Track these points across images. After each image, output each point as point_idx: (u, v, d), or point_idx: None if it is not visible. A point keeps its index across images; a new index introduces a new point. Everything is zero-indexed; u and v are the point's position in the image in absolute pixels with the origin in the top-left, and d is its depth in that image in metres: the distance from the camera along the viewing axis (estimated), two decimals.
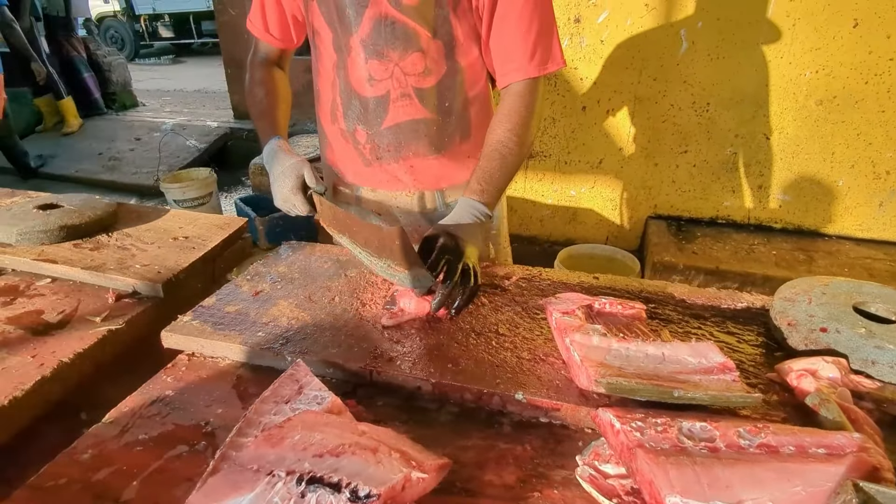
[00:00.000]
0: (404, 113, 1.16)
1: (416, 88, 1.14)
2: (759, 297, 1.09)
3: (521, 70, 1.11)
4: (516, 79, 1.12)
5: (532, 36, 1.08)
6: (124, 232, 1.34)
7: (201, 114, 6.14)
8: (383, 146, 1.20)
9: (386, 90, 1.14)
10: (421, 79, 1.13)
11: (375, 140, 1.20)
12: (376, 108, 1.16)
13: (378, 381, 0.88)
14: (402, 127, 1.18)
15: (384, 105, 1.16)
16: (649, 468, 0.60)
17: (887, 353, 0.83)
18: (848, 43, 2.40)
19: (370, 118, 1.18)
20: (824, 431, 0.66)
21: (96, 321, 1.04)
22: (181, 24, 11.32)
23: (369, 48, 1.10)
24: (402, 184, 1.25)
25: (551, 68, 1.12)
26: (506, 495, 0.69)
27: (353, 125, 1.20)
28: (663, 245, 2.67)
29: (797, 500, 0.57)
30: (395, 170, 1.23)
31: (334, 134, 1.25)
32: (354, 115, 1.19)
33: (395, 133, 1.18)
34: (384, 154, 1.21)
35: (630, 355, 0.80)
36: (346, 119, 1.20)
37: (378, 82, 1.13)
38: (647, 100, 2.72)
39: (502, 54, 1.12)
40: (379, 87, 1.14)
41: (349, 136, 1.22)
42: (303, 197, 1.14)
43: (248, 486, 0.60)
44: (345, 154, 1.26)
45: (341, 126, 1.22)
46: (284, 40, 1.28)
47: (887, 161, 2.56)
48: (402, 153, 1.21)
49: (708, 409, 0.74)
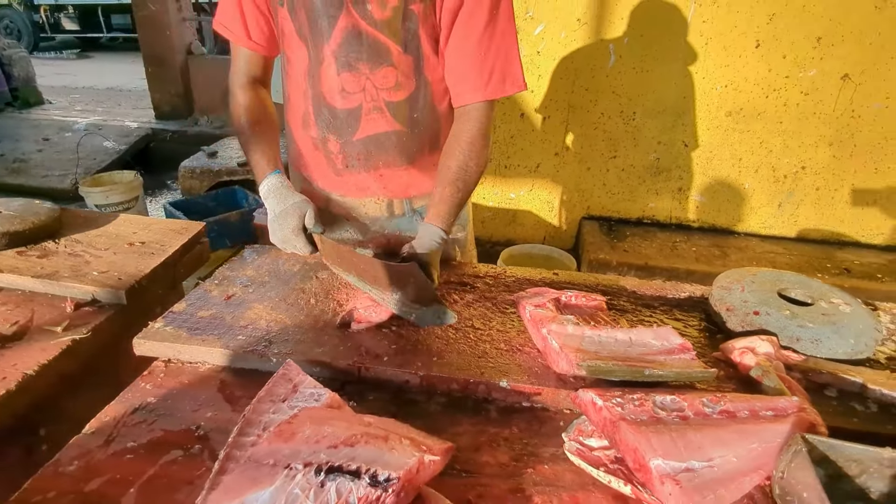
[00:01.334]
0: (376, 125, 1.17)
1: (388, 102, 1.15)
2: (698, 287, 1.22)
3: (476, 91, 1.11)
4: (471, 101, 1.13)
5: (490, 58, 1.09)
6: (72, 238, 1.27)
7: (117, 113, 5.75)
8: (354, 156, 1.21)
9: (358, 103, 1.15)
10: (392, 93, 1.14)
11: (347, 150, 1.20)
12: (348, 120, 1.17)
13: (366, 378, 0.91)
14: (374, 139, 1.19)
15: (356, 117, 1.17)
16: (633, 437, 0.69)
17: (808, 330, 0.98)
18: (751, 61, 2.68)
19: (342, 129, 1.18)
20: (770, 397, 0.77)
21: (57, 331, 1.00)
22: (88, 16, 10.47)
23: (341, 60, 1.11)
24: (371, 192, 1.27)
25: (509, 91, 1.13)
26: (502, 473, 0.75)
27: (325, 134, 1.20)
28: (597, 244, 2.85)
29: (755, 454, 0.68)
30: (366, 179, 1.25)
31: (305, 141, 1.24)
32: (326, 124, 1.19)
33: (367, 144, 1.20)
34: (355, 164, 1.22)
35: (602, 341, 0.88)
36: (318, 128, 1.20)
37: (350, 95, 1.14)
38: (580, 108, 2.89)
39: (457, 74, 1.12)
40: (351, 100, 1.15)
41: (320, 144, 1.22)
42: (304, 238, 1.13)
43: (266, 481, 0.62)
44: (315, 161, 1.26)
45: (312, 134, 1.21)
46: (269, 47, 1.20)
47: (785, 166, 2.88)
48: (373, 164, 1.22)
49: (669, 384, 0.84)
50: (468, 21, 1.08)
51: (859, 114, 2.69)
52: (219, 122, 5.08)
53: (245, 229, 3.18)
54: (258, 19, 1.16)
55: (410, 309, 1.04)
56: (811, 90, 2.69)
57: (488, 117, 1.14)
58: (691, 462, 0.66)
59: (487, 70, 1.10)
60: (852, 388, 0.89)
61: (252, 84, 1.23)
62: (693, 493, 0.63)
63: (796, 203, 2.94)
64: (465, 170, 1.12)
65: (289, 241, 1.14)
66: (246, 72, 1.22)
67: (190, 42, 5.16)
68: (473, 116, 1.14)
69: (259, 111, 1.21)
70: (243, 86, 1.22)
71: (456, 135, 1.15)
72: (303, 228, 1.13)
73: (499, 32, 1.09)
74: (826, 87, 2.66)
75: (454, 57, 1.11)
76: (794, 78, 2.68)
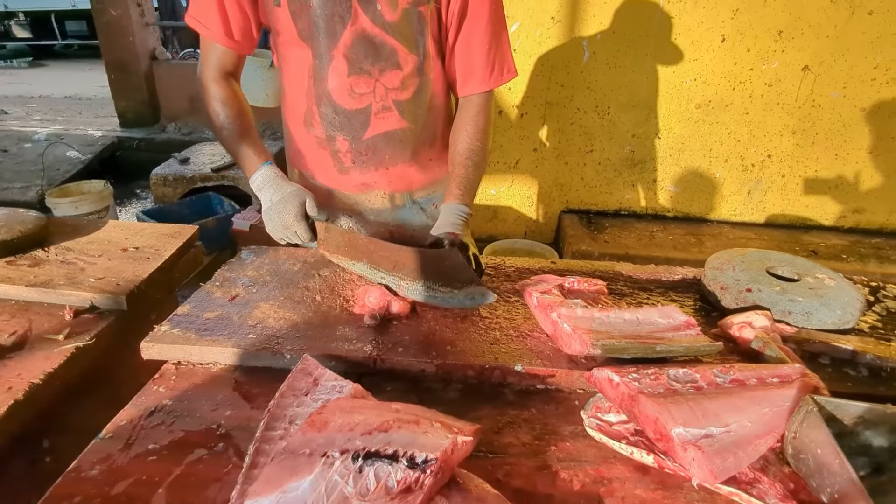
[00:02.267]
0: (385, 124, 1.20)
1: (396, 101, 1.18)
2: (690, 269, 1.27)
3: (483, 83, 1.21)
4: (478, 90, 1.22)
5: (493, 51, 1.19)
6: (63, 246, 1.24)
7: (79, 122, 5.55)
8: (364, 154, 1.23)
9: (368, 103, 1.17)
10: (399, 92, 1.18)
11: (356, 148, 1.22)
12: (357, 119, 1.19)
13: (382, 369, 0.92)
14: (383, 137, 1.22)
15: (366, 117, 1.19)
16: (653, 408, 0.72)
17: (798, 304, 1.03)
18: (718, 55, 2.79)
19: (352, 128, 1.20)
20: (774, 365, 0.81)
21: (59, 339, 0.97)
22: (40, 23, 10.07)
23: (351, 63, 1.12)
24: (375, 187, 1.29)
25: (507, 78, 1.24)
26: (526, 452, 0.77)
27: (332, 133, 1.21)
28: (578, 236, 2.91)
29: (767, 418, 0.72)
30: (372, 175, 1.26)
31: (308, 141, 1.24)
32: (334, 124, 1.19)
33: (376, 142, 1.22)
34: (363, 162, 1.24)
35: (612, 321, 0.91)
36: (324, 127, 1.20)
37: (360, 96, 1.16)
38: (556, 104, 2.95)
39: (466, 67, 1.21)
40: (361, 101, 1.17)
41: (326, 143, 1.22)
42: (306, 224, 1.14)
43: (306, 470, 0.62)
44: (318, 160, 1.26)
45: (318, 134, 1.21)
46: (245, 46, 1.20)
47: (752, 155, 3.00)
48: (380, 160, 1.24)
49: (678, 359, 0.88)
50: (473, 20, 1.16)
51: (819, 103, 2.82)
52: (188, 129, 4.97)
53: (223, 236, 3.13)
54: (239, 17, 1.15)
55: (439, 293, 1.03)
56: (774, 81, 2.81)
57: (490, 103, 1.25)
58: (710, 428, 0.69)
59: (490, 62, 1.19)
60: (844, 356, 0.94)
61: (225, 77, 1.21)
62: (714, 456, 0.66)
63: (764, 190, 3.06)
64: (476, 151, 1.21)
65: (289, 228, 1.13)
66: (218, 66, 1.20)
67: (154, 47, 5.03)
68: (477, 103, 1.24)
69: (236, 104, 1.20)
70: (216, 79, 1.20)
71: (463, 121, 1.23)
72: (304, 216, 1.14)
73: (497, 27, 1.18)
74: (788, 78, 2.79)
75: (462, 52, 1.19)
76: (758, 70, 2.79)
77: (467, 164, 1.19)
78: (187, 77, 4.98)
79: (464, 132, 1.22)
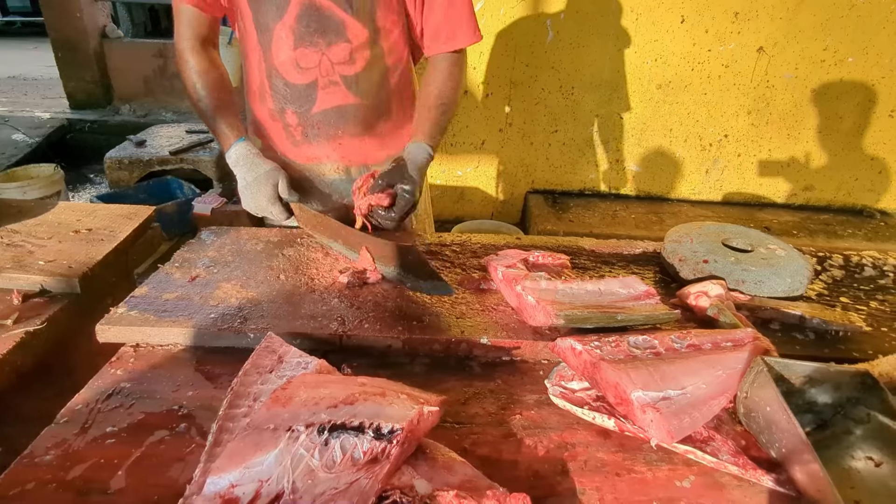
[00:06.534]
0: (333, 99, 1.19)
1: (343, 76, 1.16)
2: (650, 243, 1.31)
3: (452, 41, 1.20)
4: (448, 49, 1.21)
5: (465, 11, 1.18)
6: (8, 228, 1.18)
7: (25, 104, 5.25)
8: (313, 127, 1.21)
9: (314, 78, 1.15)
10: (347, 67, 1.16)
11: (305, 122, 1.20)
12: (305, 93, 1.17)
13: (348, 345, 0.92)
14: (332, 112, 1.20)
15: (312, 91, 1.17)
16: (614, 374, 0.74)
17: (751, 273, 1.07)
18: (678, 36, 2.83)
19: (300, 102, 1.18)
20: (727, 330, 0.85)
21: (7, 324, 0.93)
22: None
23: (298, 36, 1.10)
24: (328, 160, 1.27)
25: (475, 39, 1.23)
26: (492, 421, 0.78)
27: (282, 106, 1.19)
28: (544, 216, 2.94)
29: (721, 380, 0.75)
30: (325, 148, 1.25)
31: (263, 114, 1.22)
32: (283, 97, 1.18)
33: (325, 117, 1.20)
34: (315, 135, 1.22)
35: (574, 293, 0.93)
36: (275, 101, 1.18)
37: (305, 70, 1.14)
38: (521, 84, 2.95)
39: (434, 28, 1.19)
40: (307, 75, 1.15)
41: (278, 115, 1.20)
42: (280, 205, 1.14)
43: (270, 444, 0.62)
44: (274, 133, 1.24)
45: (270, 107, 1.19)
46: (214, 5, 1.15)
47: (710, 135, 3.07)
48: (332, 134, 1.23)
49: (635, 327, 0.90)
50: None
51: (773, 84, 2.90)
52: (143, 111, 4.77)
53: (183, 221, 3.04)
54: None
55: (405, 279, 1.06)
56: (731, 62, 2.87)
57: (462, 62, 1.26)
58: (667, 391, 0.72)
59: (464, 21, 1.19)
60: (792, 321, 0.99)
61: (203, 45, 1.18)
62: (671, 417, 0.69)
63: (721, 169, 3.15)
64: (448, 96, 1.21)
65: (264, 210, 1.14)
66: (192, 34, 1.17)
67: (104, 24, 4.79)
68: (450, 60, 1.23)
69: (214, 75, 1.18)
70: (193, 49, 1.17)
71: (433, 73, 1.23)
72: (278, 196, 1.13)
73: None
74: (744, 59, 2.86)
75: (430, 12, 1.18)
76: (715, 51, 2.85)
77: (436, 106, 1.19)
78: (141, 56, 4.77)
79: (435, 82, 1.21)
